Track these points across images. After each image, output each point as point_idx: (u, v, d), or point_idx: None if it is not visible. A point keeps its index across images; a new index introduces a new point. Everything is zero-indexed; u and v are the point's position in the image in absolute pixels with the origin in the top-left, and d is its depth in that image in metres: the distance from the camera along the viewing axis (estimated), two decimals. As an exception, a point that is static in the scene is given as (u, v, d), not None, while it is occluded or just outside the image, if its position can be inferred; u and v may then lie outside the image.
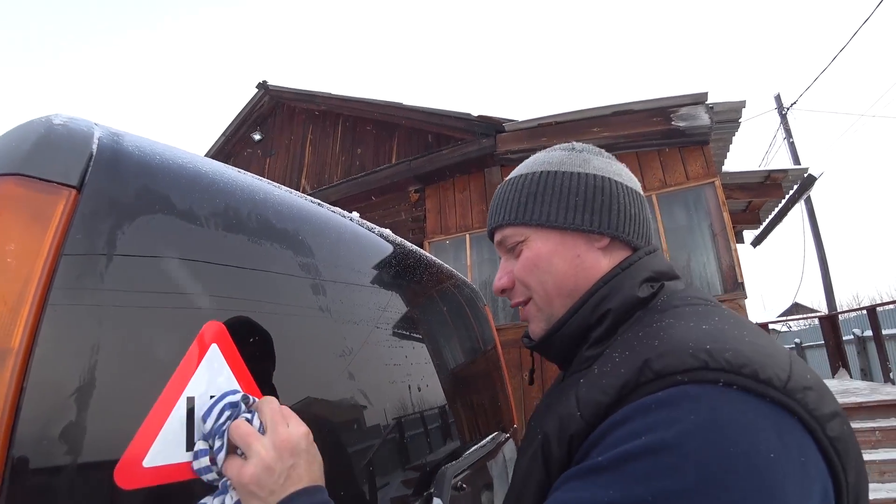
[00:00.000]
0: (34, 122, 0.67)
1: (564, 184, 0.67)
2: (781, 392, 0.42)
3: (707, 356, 0.44)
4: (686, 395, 0.42)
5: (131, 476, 0.53)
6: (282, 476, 0.54)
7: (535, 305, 0.70)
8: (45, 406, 0.50)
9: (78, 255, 0.57)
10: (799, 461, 0.40)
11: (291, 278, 0.82)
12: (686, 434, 0.40)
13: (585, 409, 0.49)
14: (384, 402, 0.92)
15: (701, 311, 0.56)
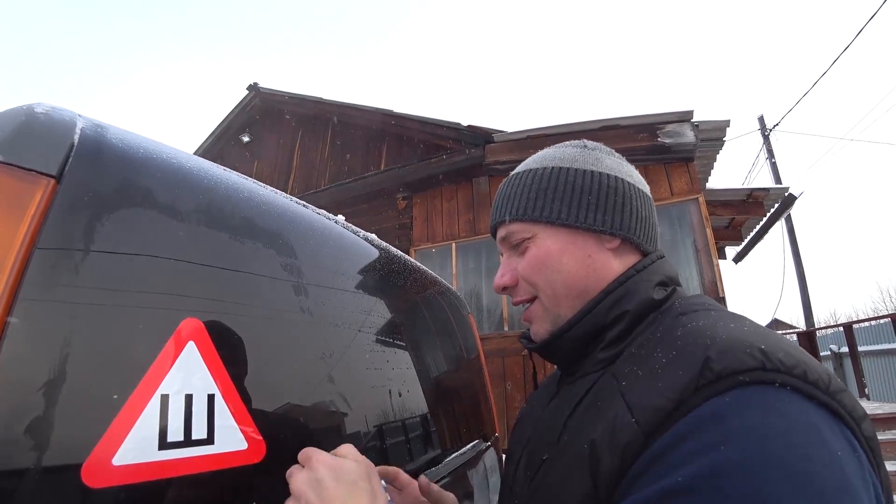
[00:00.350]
0: (15, 110, 0.65)
1: (577, 181, 0.65)
2: (826, 394, 0.42)
3: (762, 356, 0.42)
4: (750, 402, 0.41)
5: (100, 474, 0.51)
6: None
7: (540, 305, 0.67)
8: (12, 401, 0.48)
9: (55, 245, 0.56)
10: (856, 457, 0.40)
11: (273, 278, 0.81)
12: (770, 443, 0.38)
13: (641, 415, 0.45)
14: (364, 406, 0.91)
15: (726, 314, 0.54)
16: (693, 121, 4.72)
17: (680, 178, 4.90)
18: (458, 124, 5.74)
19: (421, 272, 1.46)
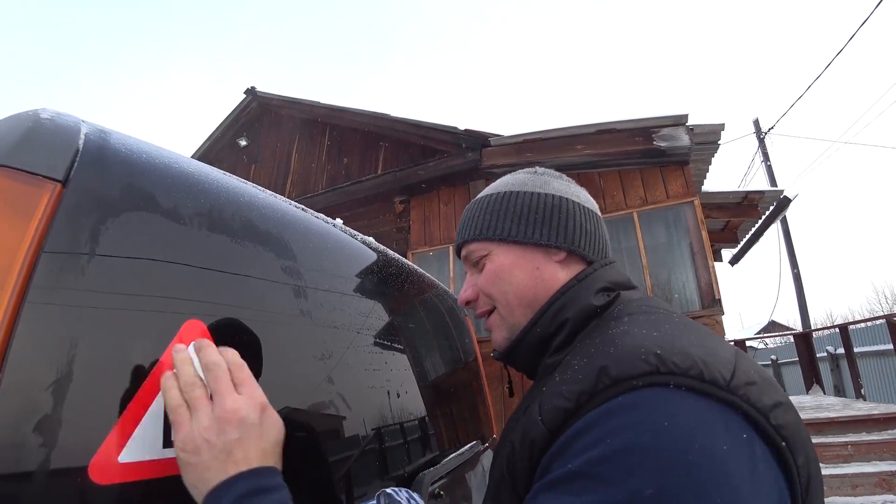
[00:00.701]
0: (21, 116, 0.66)
1: (525, 202, 0.72)
2: (725, 390, 0.45)
3: (657, 360, 0.47)
4: (641, 401, 0.45)
5: (106, 471, 0.52)
6: (224, 448, 0.51)
7: (498, 315, 0.73)
8: (19, 400, 0.49)
9: (61, 247, 0.57)
10: (747, 451, 0.43)
11: (273, 281, 0.82)
12: (647, 437, 0.42)
13: (547, 416, 0.51)
14: (363, 407, 0.92)
15: (653, 318, 0.59)
16: (688, 124, 4.75)
17: (675, 182, 4.93)
18: (454, 128, 5.77)
19: (418, 275, 1.47)
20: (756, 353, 13.41)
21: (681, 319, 0.59)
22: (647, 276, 4.81)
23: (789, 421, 0.46)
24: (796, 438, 0.46)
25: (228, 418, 0.52)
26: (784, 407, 0.47)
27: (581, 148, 5.12)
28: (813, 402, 6.87)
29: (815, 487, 0.48)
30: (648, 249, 4.88)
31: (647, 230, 4.95)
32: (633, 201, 5.06)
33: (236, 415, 0.52)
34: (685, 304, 4.64)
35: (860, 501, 4.15)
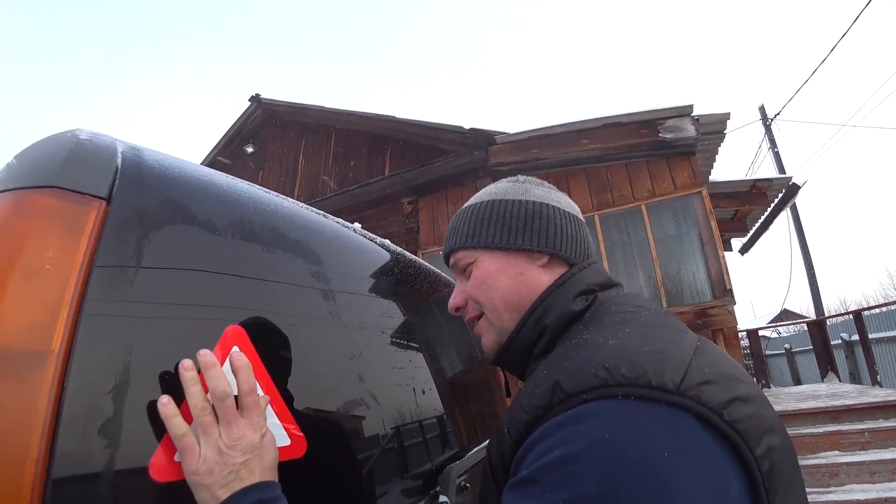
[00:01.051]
0: (61, 137, 0.70)
1: (507, 210, 0.75)
2: (674, 394, 0.48)
3: (606, 374, 0.50)
4: (589, 413, 0.49)
5: (164, 470, 0.56)
6: (234, 469, 0.56)
7: (486, 320, 0.77)
8: (84, 404, 0.53)
9: (110, 261, 0.60)
10: (694, 453, 0.46)
11: (303, 285, 0.85)
12: (589, 446, 0.46)
13: (512, 429, 0.56)
14: (392, 403, 0.96)
15: (618, 320, 0.62)
16: (693, 115, 4.74)
17: (682, 172, 4.93)
18: (460, 128, 5.79)
19: (434, 274, 1.50)
20: (769, 342, 13.32)
21: (648, 318, 0.62)
22: (658, 268, 4.81)
23: (745, 414, 0.49)
24: (753, 430, 0.49)
25: (235, 445, 0.57)
26: (741, 401, 0.50)
27: (587, 142, 5.13)
28: (829, 390, 6.82)
29: (782, 473, 0.50)
30: (658, 241, 4.88)
31: (656, 222, 4.95)
32: (641, 194, 5.06)
33: (242, 441, 0.58)
34: (696, 296, 4.64)
35: (878, 488, 4.13)
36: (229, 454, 0.56)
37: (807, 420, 5.21)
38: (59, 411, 0.51)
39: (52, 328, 0.54)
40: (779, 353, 12.31)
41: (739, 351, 4.45)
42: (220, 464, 0.56)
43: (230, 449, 0.57)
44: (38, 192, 0.61)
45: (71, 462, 0.50)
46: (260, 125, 8.57)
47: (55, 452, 0.49)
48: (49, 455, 0.49)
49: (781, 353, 11.97)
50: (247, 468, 0.57)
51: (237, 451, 0.57)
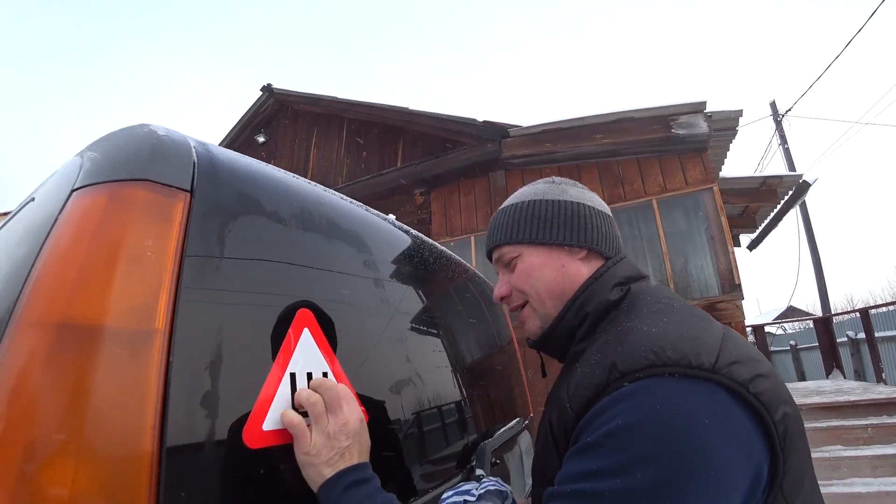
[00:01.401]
0: (139, 132, 0.75)
1: (548, 209, 0.83)
2: (710, 372, 0.57)
3: (654, 356, 0.59)
4: (642, 389, 0.58)
5: (255, 437, 0.63)
6: (339, 451, 0.66)
7: (531, 308, 0.84)
8: (188, 378, 0.58)
9: (198, 249, 0.66)
10: (727, 419, 0.56)
11: (358, 273, 0.92)
12: (644, 416, 0.55)
13: (573, 403, 0.64)
14: (433, 384, 1.02)
15: (655, 310, 0.70)
16: (706, 111, 4.76)
17: (694, 168, 4.95)
18: (473, 120, 5.82)
19: (464, 266, 1.56)
20: (774, 338, 13.31)
21: (679, 309, 0.71)
22: (668, 263, 4.85)
23: (766, 388, 0.59)
24: (772, 400, 0.58)
25: (341, 430, 0.68)
26: (762, 377, 0.59)
27: (600, 137, 5.15)
28: (833, 387, 6.87)
29: (794, 435, 0.59)
30: (668, 236, 4.92)
31: (667, 217, 4.98)
32: (653, 189, 5.09)
33: (346, 427, 0.68)
34: (705, 290, 4.68)
35: (880, 482, 4.19)
36: (336, 438, 0.67)
37: (810, 415, 5.26)
38: (168, 383, 0.57)
39: (155, 309, 0.59)
40: (784, 349, 12.32)
41: (747, 346, 4.50)
42: (328, 447, 0.66)
43: (337, 434, 0.67)
44: (133, 184, 0.66)
45: (180, 428, 0.56)
46: (271, 115, 8.60)
47: (167, 420, 0.55)
48: (162, 422, 0.55)
49: (787, 350, 11.98)
50: (349, 451, 0.67)
51: (343, 435, 0.67)
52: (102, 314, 0.56)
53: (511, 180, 5.89)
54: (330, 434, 0.66)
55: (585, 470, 0.57)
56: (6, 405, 0.52)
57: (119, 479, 0.51)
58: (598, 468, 0.56)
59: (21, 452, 0.49)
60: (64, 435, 0.50)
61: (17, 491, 0.48)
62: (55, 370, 0.53)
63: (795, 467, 0.60)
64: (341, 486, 0.65)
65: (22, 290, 0.59)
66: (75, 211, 0.65)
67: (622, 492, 0.53)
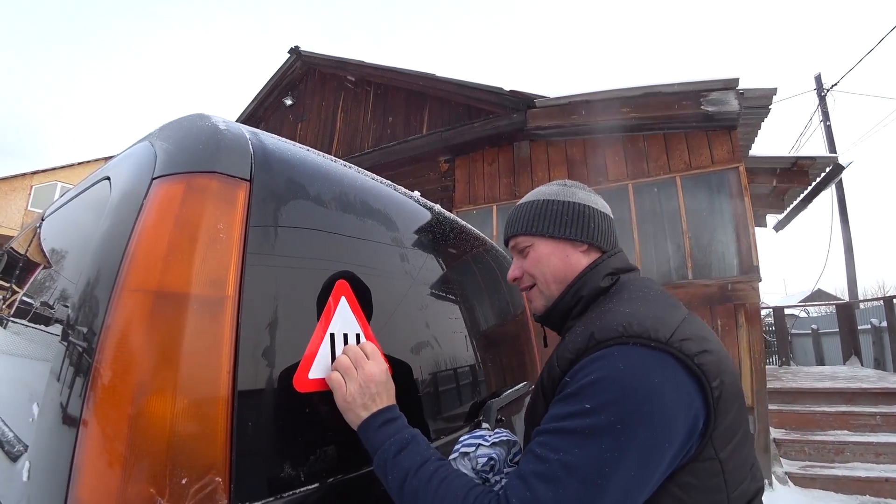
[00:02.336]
0: (203, 126, 0.87)
1: (559, 209, 1.00)
2: (664, 344, 0.73)
3: (622, 329, 0.76)
4: (610, 353, 0.74)
5: (302, 384, 0.78)
6: (370, 395, 0.83)
7: (537, 289, 1.02)
8: (253, 335, 0.73)
9: (257, 229, 0.80)
10: (673, 380, 0.72)
11: (387, 247, 1.05)
12: (611, 372, 0.72)
13: (560, 363, 0.81)
14: (448, 347, 1.17)
15: (634, 297, 0.86)
16: (738, 88, 4.66)
17: (721, 147, 4.88)
18: (500, 89, 5.79)
19: (482, 239, 1.69)
20: (796, 321, 13.15)
21: (654, 297, 0.86)
22: (687, 240, 4.87)
23: (709, 361, 0.74)
24: (712, 370, 0.74)
25: (370, 379, 0.84)
26: (707, 353, 0.75)
27: (626, 111, 5.10)
28: (848, 373, 6.88)
29: (727, 400, 0.75)
30: (689, 214, 4.91)
31: (690, 194, 4.96)
32: (677, 165, 5.06)
33: (374, 377, 0.84)
34: (722, 270, 4.71)
35: (882, 468, 4.28)
36: (367, 386, 0.83)
37: (820, 399, 5.33)
38: (238, 339, 0.71)
39: (226, 280, 0.73)
40: (805, 332, 12.21)
41: (759, 326, 4.53)
42: (360, 393, 0.83)
43: (367, 382, 0.83)
44: (205, 175, 0.78)
45: (247, 374, 0.71)
46: (299, 78, 8.65)
47: (238, 367, 0.70)
48: (234, 368, 0.70)
49: (808, 333, 11.89)
50: (379, 396, 0.84)
51: (371, 383, 0.84)
52: (188, 284, 0.70)
53: (535, 151, 5.90)
54: (360, 384, 0.83)
55: (564, 412, 0.73)
56: (118, 356, 0.67)
57: (204, 410, 0.66)
58: (572, 411, 0.71)
59: (132, 390, 0.65)
60: (165, 377, 0.65)
61: (132, 417, 0.63)
62: (155, 328, 0.67)
63: (727, 425, 0.76)
64: (376, 424, 0.82)
65: (122, 262, 0.74)
66: (158, 197, 0.78)
67: (588, 427, 0.69)
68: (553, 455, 0.70)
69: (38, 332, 1.03)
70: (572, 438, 0.70)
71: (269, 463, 0.71)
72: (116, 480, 0.61)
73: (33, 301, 1.20)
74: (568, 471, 0.68)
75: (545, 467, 0.70)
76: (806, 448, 4.66)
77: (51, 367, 0.82)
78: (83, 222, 1.10)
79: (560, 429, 0.72)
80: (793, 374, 7.07)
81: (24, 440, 0.81)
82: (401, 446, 0.80)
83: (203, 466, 0.63)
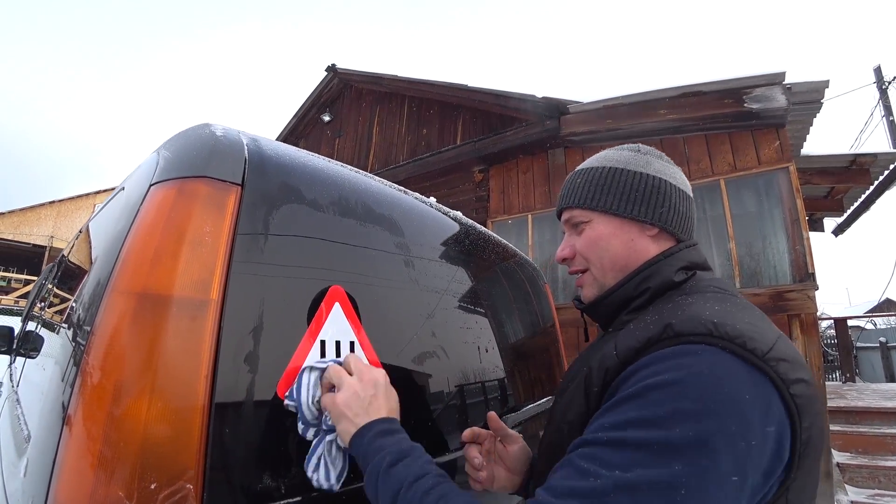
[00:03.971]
0: (201, 133, 0.87)
1: (628, 180, 0.81)
2: (760, 360, 0.57)
3: (713, 327, 0.59)
4: (691, 351, 0.58)
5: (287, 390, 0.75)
6: (365, 402, 0.75)
7: (591, 275, 0.84)
8: (236, 340, 0.72)
9: (246, 232, 0.79)
10: (765, 404, 0.56)
11: (389, 253, 1.02)
12: (690, 376, 0.56)
13: (621, 351, 0.65)
14: (458, 356, 1.12)
15: (719, 296, 0.69)
16: (785, 83, 4.40)
17: (769, 146, 4.62)
18: (532, 96, 5.73)
19: (502, 246, 1.63)
20: (861, 333, 12.21)
21: (741, 301, 0.70)
22: (734, 247, 4.61)
23: (805, 393, 0.58)
24: (806, 408, 0.58)
25: (367, 382, 0.77)
26: (805, 384, 0.59)
27: (664, 112, 4.91)
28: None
29: (813, 447, 0.59)
30: (736, 218, 4.66)
31: (735, 198, 4.71)
32: (721, 167, 4.82)
33: (372, 380, 0.78)
34: (774, 278, 4.42)
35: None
36: (365, 388, 0.76)
37: (891, 420, 4.88)
38: (219, 344, 0.70)
39: (210, 283, 0.73)
40: (873, 346, 11.32)
41: (818, 338, 4.21)
42: (355, 398, 0.75)
43: (366, 385, 0.77)
44: (195, 180, 0.79)
45: (227, 379, 0.69)
46: (336, 94, 8.88)
47: (217, 372, 0.68)
48: (213, 373, 0.68)
49: (875, 347, 11.01)
50: (376, 403, 0.76)
51: (370, 385, 0.77)
52: (171, 286, 0.70)
53: (570, 157, 5.78)
54: (356, 389, 0.76)
55: (622, 420, 0.57)
56: (102, 356, 0.67)
57: (180, 415, 0.64)
58: (634, 418, 0.56)
59: (111, 390, 0.64)
60: (142, 379, 0.64)
61: (108, 419, 0.62)
62: (137, 329, 0.67)
63: (805, 481, 0.60)
64: (371, 434, 0.72)
65: (115, 264, 0.75)
66: (152, 202, 0.79)
67: (658, 441, 0.53)
68: (606, 472, 0.55)
69: (57, 333, 1.07)
70: (634, 454, 0.54)
71: (246, 472, 0.69)
72: (90, 481, 0.60)
73: (59, 304, 1.25)
74: (625, 493, 0.53)
75: (592, 485, 0.55)
76: (876, 475, 4.26)
77: (56, 365, 0.83)
78: (102, 231, 1.13)
79: (616, 440, 0.57)
80: (858, 391, 6.54)
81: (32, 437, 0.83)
82: (396, 458, 0.69)
83: (174, 472, 0.61)
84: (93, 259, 1.03)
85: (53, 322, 1.28)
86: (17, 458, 0.90)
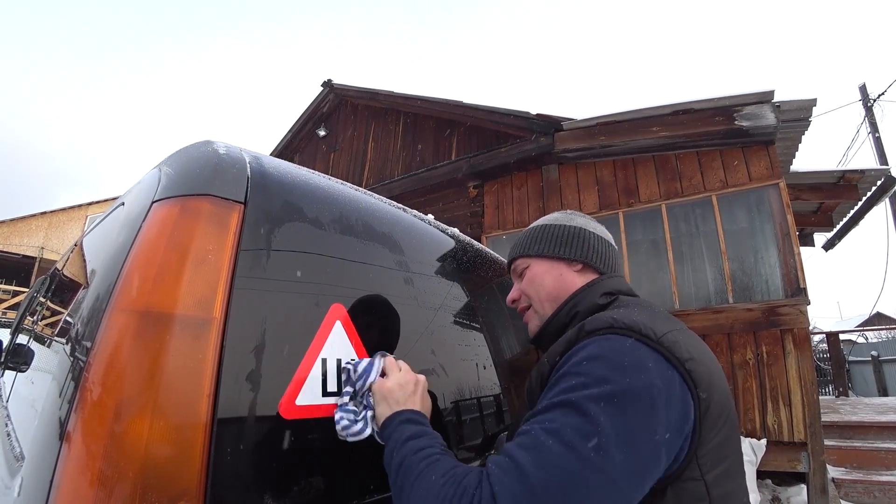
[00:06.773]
0: (203, 150, 0.88)
1: (555, 231, 1.02)
2: (654, 342, 0.71)
3: (612, 321, 0.75)
4: (601, 338, 0.74)
5: (289, 410, 0.75)
6: (406, 393, 0.85)
7: (533, 310, 1.01)
8: (238, 358, 0.72)
9: (249, 251, 0.79)
10: (665, 370, 0.69)
11: (389, 271, 1.03)
12: (602, 351, 0.71)
13: (550, 357, 0.80)
14: (456, 374, 1.12)
15: (630, 307, 0.84)
16: (774, 101, 4.49)
17: (759, 163, 4.69)
18: (527, 113, 5.80)
19: (499, 262, 1.64)
20: (853, 347, 12.28)
21: (652, 310, 0.82)
22: (726, 263, 4.65)
23: (697, 369, 0.71)
24: (701, 380, 0.71)
25: (410, 380, 0.88)
26: (695, 361, 0.72)
27: (656, 130, 4.99)
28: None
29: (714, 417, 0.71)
30: (728, 234, 4.70)
31: (727, 214, 4.76)
32: (713, 184, 4.88)
33: (415, 379, 0.89)
34: (766, 293, 4.46)
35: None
36: (408, 382, 0.87)
37: (885, 434, 4.89)
38: (221, 362, 0.70)
39: (213, 301, 0.73)
40: (864, 359, 11.37)
41: (810, 353, 4.23)
42: (399, 389, 0.85)
43: (408, 381, 0.87)
44: (198, 198, 0.79)
45: (230, 398, 0.69)
46: (331, 109, 8.93)
47: (220, 390, 0.68)
48: (216, 392, 0.68)
49: (868, 361, 11.06)
50: (412, 398, 0.86)
51: (411, 382, 0.88)
52: (174, 304, 0.70)
53: (564, 174, 5.83)
54: (400, 381, 0.86)
55: (557, 391, 0.70)
56: (103, 372, 0.67)
57: (182, 434, 0.64)
58: (565, 387, 0.69)
59: (113, 408, 0.64)
60: (144, 397, 0.64)
61: (109, 437, 0.62)
62: (139, 348, 0.67)
63: (715, 445, 0.71)
64: (400, 419, 0.82)
65: (116, 282, 0.75)
66: (155, 219, 0.79)
67: (578, 399, 0.66)
68: (537, 426, 0.67)
69: (51, 348, 1.06)
70: (557, 410, 0.67)
71: (248, 492, 0.68)
72: (89, 500, 0.59)
73: (51, 318, 1.24)
74: (549, 435, 0.64)
75: (528, 438, 0.66)
76: (871, 489, 4.26)
77: (53, 381, 0.83)
78: (101, 246, 1.13)
79: (546, 406, 0.69)
80: (852, 405, 6.56)
81: (26, 455, 0.82)
82: (414, 435, 0.78)
83: (175, 492, 0.61)
84: (91, 274, 1.03)
85: (46, 336, 1.27)
86: (9, 478, 0.88)
